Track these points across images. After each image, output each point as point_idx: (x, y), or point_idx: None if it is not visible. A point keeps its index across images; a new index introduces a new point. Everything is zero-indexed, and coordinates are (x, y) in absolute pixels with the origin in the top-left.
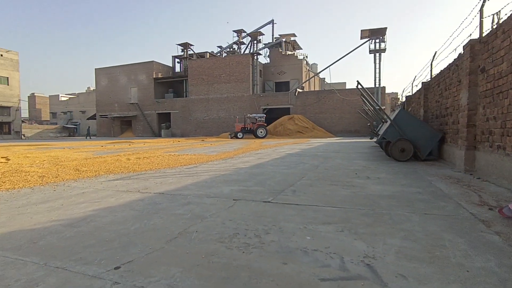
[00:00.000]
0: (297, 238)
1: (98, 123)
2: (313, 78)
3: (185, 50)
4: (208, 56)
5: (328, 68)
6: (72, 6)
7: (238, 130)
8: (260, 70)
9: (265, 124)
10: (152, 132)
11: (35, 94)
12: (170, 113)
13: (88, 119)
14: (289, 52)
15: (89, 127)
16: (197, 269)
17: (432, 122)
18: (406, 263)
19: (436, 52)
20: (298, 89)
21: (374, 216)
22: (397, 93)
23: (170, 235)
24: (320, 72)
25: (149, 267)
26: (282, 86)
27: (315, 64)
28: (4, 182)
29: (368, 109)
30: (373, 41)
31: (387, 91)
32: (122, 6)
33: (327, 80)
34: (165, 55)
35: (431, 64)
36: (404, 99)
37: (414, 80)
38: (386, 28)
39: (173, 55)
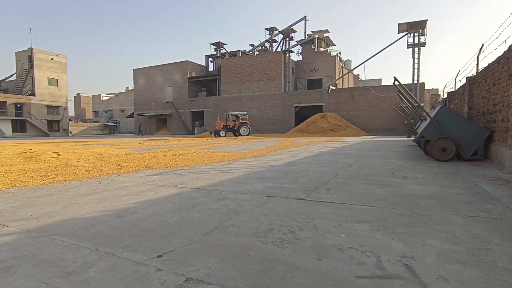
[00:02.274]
0: (331, 235)
1: (136, 121)
2: (347, 75)
3: (218, 49)
4: (240, 55)
5: (363, 64)
6: (111, 9)
7: (220, 128)
8: (292, 68)
9: (248, 122)
10: (186, 129)
11: (80, 94)
12: (203, 111)
13: (127, 117)
14: (322, 49)
15: (140, 125)
16: (233, 260)
17: (478, 119)
18: (448, 265)
19: (483, 44)
20: (331, 87)
21: (412, 216)
22: (437, 89)
23: (207, 228)
24: (354, 69)
25: (189, 257)
26: (314, 84)
27: (349, 61)
28: (57, 175)
29: (406, 106)
30: (412, 34)
31: (426, 87)
32: (158, 8)
33: (362, 77)
34: (198, 54)
35: (478, 58)
36: (445, 96)
37: (457, 75)
38: (426, 20)
39: (207, 54)
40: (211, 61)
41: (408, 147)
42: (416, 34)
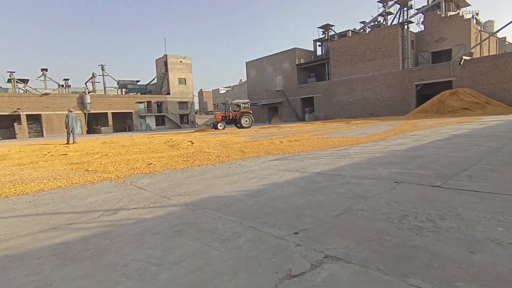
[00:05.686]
0: (483, 227)
1: (260, 112)
2: (487, 40)
3: (326, 32)
4: (350, 35)
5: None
6: (226, 12)
7: (219, 120)
8: (411, 41)
9: (251, 112)
10: (296, 116)
11: (202, 90)
12: (313, 97)
13: None
14: (452, 13)
15: (269, 113)
16: (369, 243)
17: None
18: None
19: None
20: (464, 57)
21: None
22: None
23: (336, 211)
24: (498, 31)
25: (323, 236)
26: (441, 56)
27: (490, 22)
28: (195, 160)
29: None
30: None
31: None
32: (269, 3)
33: (510, 40)
34: (306, 41)
35: None
36: None
37: None
38: None
39: (314, 39)
40: (319, 45)
41: None
42: None
